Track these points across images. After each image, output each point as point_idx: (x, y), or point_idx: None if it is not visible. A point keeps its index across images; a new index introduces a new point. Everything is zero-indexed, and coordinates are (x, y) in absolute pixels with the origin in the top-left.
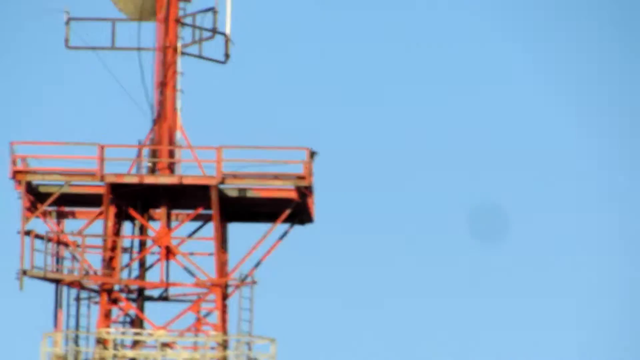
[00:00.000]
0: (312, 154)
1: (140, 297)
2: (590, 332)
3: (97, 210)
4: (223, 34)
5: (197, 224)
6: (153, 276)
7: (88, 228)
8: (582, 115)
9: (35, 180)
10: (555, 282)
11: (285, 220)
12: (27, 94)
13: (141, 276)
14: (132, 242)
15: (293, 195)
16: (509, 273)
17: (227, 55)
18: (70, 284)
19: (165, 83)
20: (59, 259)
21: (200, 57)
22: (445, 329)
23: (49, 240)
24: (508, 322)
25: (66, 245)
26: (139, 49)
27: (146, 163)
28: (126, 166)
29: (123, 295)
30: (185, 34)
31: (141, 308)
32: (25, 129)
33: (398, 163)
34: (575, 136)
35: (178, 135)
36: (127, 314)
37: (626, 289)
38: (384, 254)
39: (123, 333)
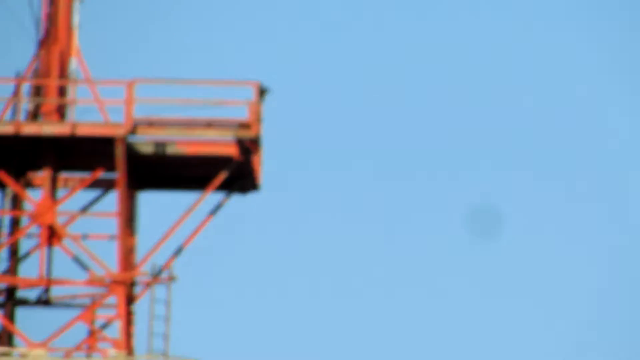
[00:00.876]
0: (262, 92)
1: (10, 300)
2: (589, 331)
3: None
4: None
5: (95, 193)
6: (29, 270)
7: None
8: (581, 113)
9: None
10: (552, 281)
11: (220, 188)
12: None
13: (12, 270)
14: (0, 219)
15: (232, 151)
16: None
17: None
18: None
19: None
20: None
21: None
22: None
23: None
24: (504, 320)
25: None
26: None
27: (25, 105)
28: None
29: None
30: None
31: (11, 316)
32: None
33: (379, 108)
34: (573, 135)
35: (73, 64)
36: None
37: (625, 287)
38: (357, 236)
39: None
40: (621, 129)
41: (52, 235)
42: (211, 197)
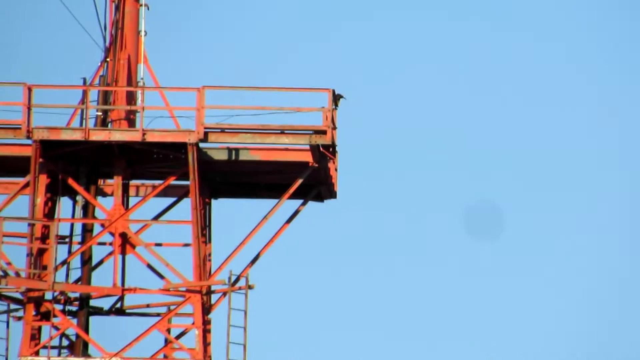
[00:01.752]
0: (337, 99)
1: (84, 309)
2: (586, 330)
3: (21, 180)
4: None
5: (168, 200)
6: (103, 279)
7: (7, 207)
8: (579, 113)
9: None
10: (549, 280)
11: (296, 195)
12: None
13: (85, 279)
14: (72, 227)
15: (308, 157)
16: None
17: None
18: None
19: None
20: None
21: None
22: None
23: None
24: (503, 319)
25: None
26: None
27: (94, 111)
28: (65, 116)
29: (58, 308)
30: None
31: (85, 326)
32: None
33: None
34: (570, 135)
35: (141, 70)
36: (64, 335)
37: (623, 286)
38: (436, 241)
39: None
40: (614, 133)
41: (125, 243)
42: (287, 204)
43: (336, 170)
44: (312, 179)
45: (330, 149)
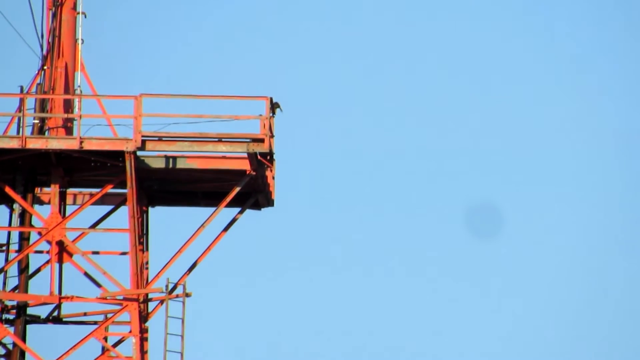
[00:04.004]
0: (274, 107)
1: (21, 317)
2: (584, 328)
3: None
4: None
5: (105, 208)
6: (40, 287)
7: None
8: (577, 113)
9: None
10: (548, 279)
11: (234, 203)
12: None
13: (22, 287)
14: (8, 235)
15: (245, 165)
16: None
17: None
18: None
19: (61, 2)
20: None
21: None
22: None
23: None
24: (503, 317)
25: None
26: None
27: (31, 119)
28: (2, 124)
29: None
30: None
31: (22, 334)
32: None
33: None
34: (569, 135)
35: (78, 78)
36: (1, 343)
37: (621, 285)
38: (370, 250)
39: None
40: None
41: (62, 251)
42: (224, 212)
43: (273, 178)
44: (250, 187)
45: (268, 157)
